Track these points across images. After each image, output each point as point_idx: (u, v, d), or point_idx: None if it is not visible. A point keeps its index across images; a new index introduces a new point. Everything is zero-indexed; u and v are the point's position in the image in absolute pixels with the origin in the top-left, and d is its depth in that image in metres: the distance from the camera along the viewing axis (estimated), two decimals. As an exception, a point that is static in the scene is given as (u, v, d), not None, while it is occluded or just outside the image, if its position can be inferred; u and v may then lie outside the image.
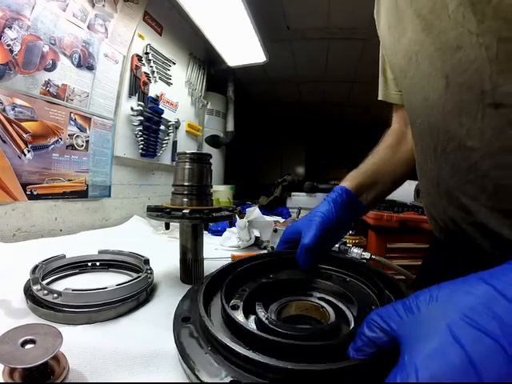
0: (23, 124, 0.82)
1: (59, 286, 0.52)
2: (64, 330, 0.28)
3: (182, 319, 0.33)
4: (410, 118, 0.47)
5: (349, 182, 0.52)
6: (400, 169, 0.57)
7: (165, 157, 1.50)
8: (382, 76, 0.61)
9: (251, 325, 0.33)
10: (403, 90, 0.48)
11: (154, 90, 1.38)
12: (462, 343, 0.18)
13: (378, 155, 0.59)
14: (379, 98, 0.64)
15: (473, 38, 0.29)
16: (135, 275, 0.50)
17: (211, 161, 0.56)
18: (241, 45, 1.53)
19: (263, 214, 0.95)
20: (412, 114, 0.45)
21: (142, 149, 1.30)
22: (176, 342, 0.29)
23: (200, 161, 0.54)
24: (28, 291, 0.44)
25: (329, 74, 2.41)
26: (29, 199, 0.85)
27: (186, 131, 1.70)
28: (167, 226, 0.56)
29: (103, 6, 1.05)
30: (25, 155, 0.83)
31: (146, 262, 0.55)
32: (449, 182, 0.39)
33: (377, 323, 0.23)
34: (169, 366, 0.32)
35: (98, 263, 0.60)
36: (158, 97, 1.40)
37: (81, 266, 0.59)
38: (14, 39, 0.78)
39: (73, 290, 0.40)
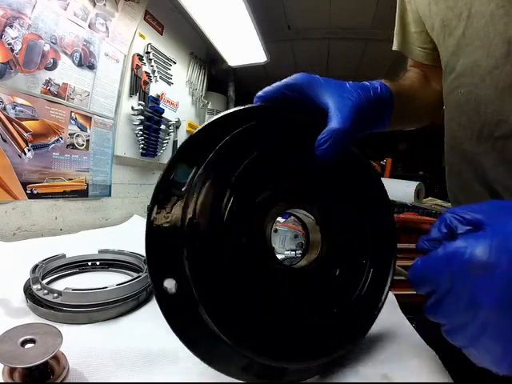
0: (24, 123, 0.82)
1: (59, 285, 0.52)
2: (64, 329, 0.28)
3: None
4: (450, 83, 0.39)
5: (389, 84, 0.36)
6: (426, 104, 0.47)
7: (165, 156, 1.50)
8: (399, 24, 0.52)
9: None
10: (443, 49, 0.40)
11: (155, 89, 1.38)
12: None
13: (410, 80, 0.49)
14: (394, 48, 0.55)
15: None
16: (135, 275, 0.50)
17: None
18: (242, 45, 1.53)
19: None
20: (454, 79, 0.38)
21: (142, 148, 1.30)
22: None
23: (201, 160, 0.54)
24: (28, 290, 0.44)
25: (330, 74, 2.41)
26: (29, 198, 0.85)
27: (187, 131, 1.70)
28: (167, 226, 0.56)
29: (104, 5, 1.05)
30: (25, 154, 0.83)
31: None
32: (492, 172, 0.33)
33: (458, 215, 0.22)
34: (169, 365, 0.32)
35: (98, 263, 0.60)
36: (158, 96, 1.40)
37: (81, 265, 0.59)
38: (15, 38, 0.78)
39: (73, 290, 0.40)
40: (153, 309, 0.45)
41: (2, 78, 0.75)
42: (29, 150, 0.84)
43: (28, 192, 0.85)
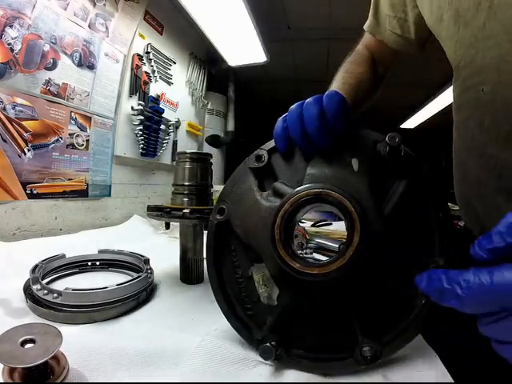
0: (24, 123, 0.82)
1: (59, 285, 0.52)
2: (64, 329, 0.28)
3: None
4: (466, 79, 0.37)
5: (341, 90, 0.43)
6: (362, 95, 0.56)
7: (165, 156, 1.50)
8: (373, 6, 0.57)
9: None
10: (455, 40, 0.37)
11: (155, 89, 1.38)
12: None
13: (356, 78, 0.56)
14: (366, 30, 0.60)
15: None
16: (135, 275, 0.50)
17: (211, 161, 0.56)
18: (241, 45, 1.53)
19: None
20: (473, 75, 0.35)
21: (142, 148, 1.30)
22: None
23: (200, 160, 0.54)
24: (28, 290, 0.44)
25: (329, 74, 2.41)
26: (29, 198, 0.85)
27: (187, 131, 1.70)
28: (167, 226, 0.56)
29: (104, 5, 1.05)
30: (25, 154, 0.83)
31: (146, 261, 0.55)
32: None
33: None
34: (168, 365, 0.32)
35: (97, 263, 0.60)
36: (158, 96, 1.40)
37: (81, 265, 0.59)
38: (15, 38, 0.78)
39: (73, 290, 0.40)
40: (152, 309, 0.45)
41: (1, 78, 0.75)
42: (29, 150, 0.84)
43: (28, 192, 0.85)
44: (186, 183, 0.53)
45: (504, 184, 0.32)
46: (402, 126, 3.39)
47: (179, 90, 1.59)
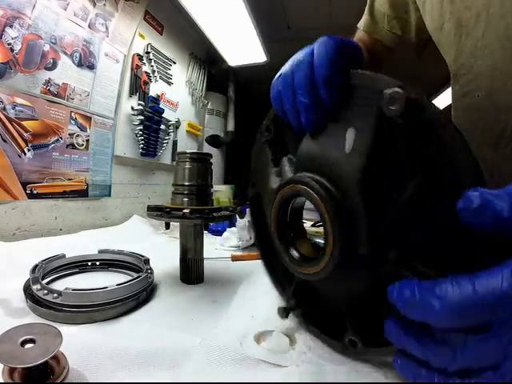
0: (24, 123, 0.82)
1: (59, 285, 0.52)
2: (64, 329, 0.28)
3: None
4: (464, 85, 0.38)
5: None
6: None
7: (165, 156, 1.50)
8: (369, 5, 0.57)
9: None
10: (457, 49, 0.38)
11: (155, 89, 1.38)
12: None
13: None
14: (361, 29, 0.61)
15: None
16: (135, 275, 0.50)
17: (211, 161, 0.56)
18: (241, 45, 1.53)
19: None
20: (469, 82, 0.37)
21: (142, 148, 1.30)
22: None
23: (200, 160, 0.54)
24: (28, 290, 0.44)
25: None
26: (29, 198, 0.85)
27: (187, 131, 1.70)
28: (167, 226, 0.56)
29: (104, 5, 1.05)
30: (25, 154, 0.83)
31: (146, 261, 0.55)
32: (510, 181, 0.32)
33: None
34: (169, 365, 0.32)
35: (98, 263, 0.60)
36: (158, 96, 1.40)
37: (81, 265, 0.59)
38: (15, 38, 0.78)
39: (73, 290, 0.40)
40: (152, 309, 0.45)
41: (1, 77, 0.75)
42: (29, 150, 0.84)
43: (28, 192, 0.85)
44: (186, 183, 0.52)
45: (495, 183, 0.33)
46: (402, 125, 3.39)
47: (179, 90, 1.59)
